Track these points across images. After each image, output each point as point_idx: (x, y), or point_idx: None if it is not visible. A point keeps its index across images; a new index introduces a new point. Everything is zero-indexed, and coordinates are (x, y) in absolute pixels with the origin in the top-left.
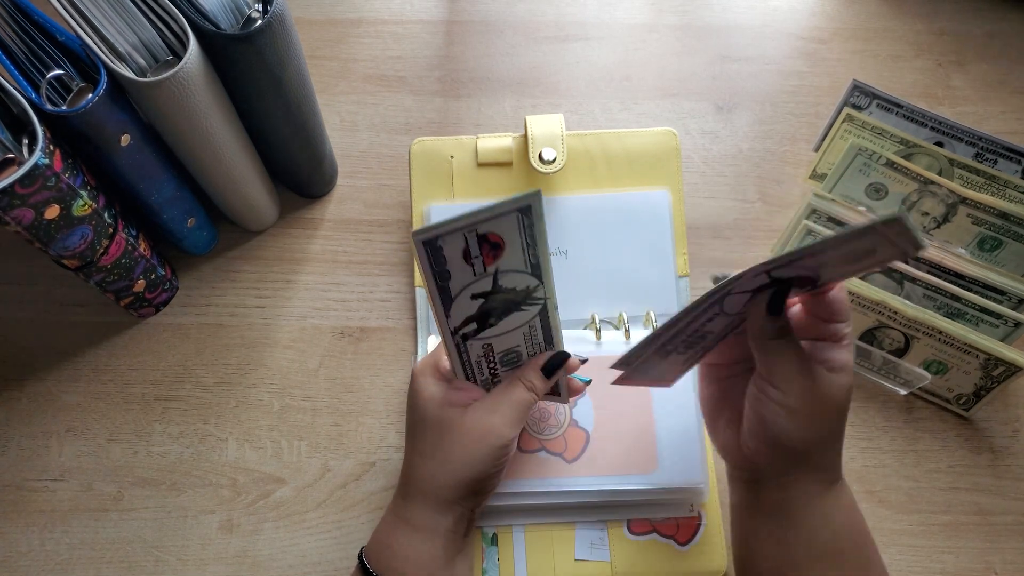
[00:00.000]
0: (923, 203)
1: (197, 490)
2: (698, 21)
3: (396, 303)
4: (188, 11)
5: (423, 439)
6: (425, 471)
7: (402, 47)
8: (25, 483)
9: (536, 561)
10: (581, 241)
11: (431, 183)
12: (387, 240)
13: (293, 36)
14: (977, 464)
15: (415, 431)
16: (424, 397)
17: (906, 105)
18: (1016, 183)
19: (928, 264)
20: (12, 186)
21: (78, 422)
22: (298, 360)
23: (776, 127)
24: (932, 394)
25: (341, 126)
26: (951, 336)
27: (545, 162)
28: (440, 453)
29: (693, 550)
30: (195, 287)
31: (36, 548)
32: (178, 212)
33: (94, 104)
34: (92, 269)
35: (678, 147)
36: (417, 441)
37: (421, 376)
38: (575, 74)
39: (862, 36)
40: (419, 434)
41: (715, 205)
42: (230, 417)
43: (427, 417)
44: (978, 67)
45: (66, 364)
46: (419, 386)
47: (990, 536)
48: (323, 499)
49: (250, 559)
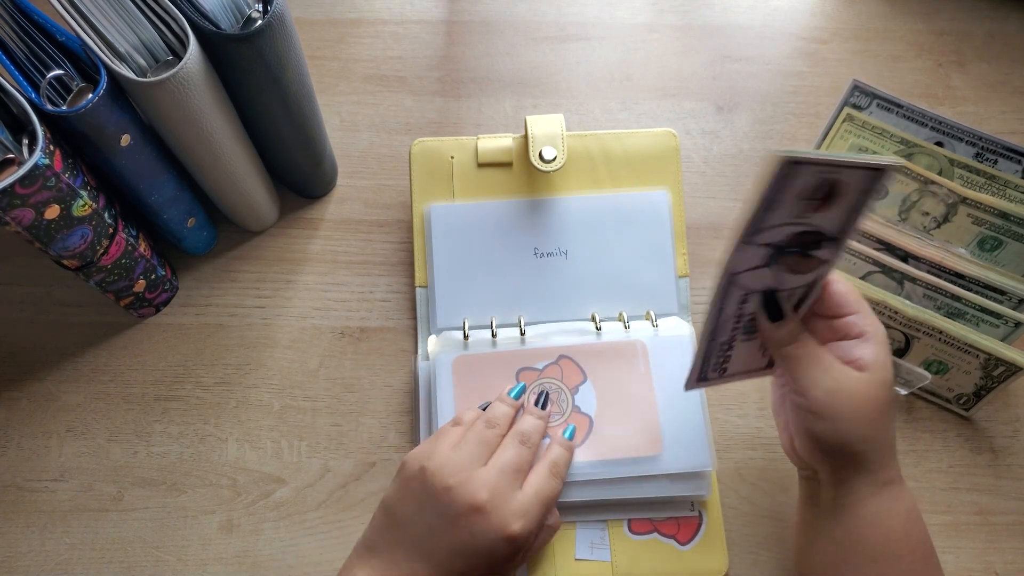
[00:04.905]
0: (923, 203)
1: (197, 490)
2: (699, 21)
3: (396, 303)
4: (188, 11)
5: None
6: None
7: (402, 47)
8: (25, 483)
9: (536, 561)
10: (581, 241)
11: (431, 183)
12: (387, 240)
13: (293, 36)
14: (977, 464)
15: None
16: (515, 562)
17: (906, 105)
18: (1016, 183)
19: (928, 264)
20: (12, 186)
21: (78, 422)
22: (298, 360)
23: (776, 127)
24: (932, 394)
25: (341, 126)
26: (951, 336)
27: (546, 161)
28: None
29: (694, 550)
30: (195, 287)
31: (36, 548)
32: (178, 212)
33: (94, 104)
34: (92, 269)
35: (678, 147)
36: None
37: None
38: (575, 74)
39: (862, 36)
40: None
41: (715, 205)
42: (230, 417)
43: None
44: (978, 67)
45: (66, 364)
46: (522, 552)
47: (990, 536)
48: (323, 499)
49: (250, 559)
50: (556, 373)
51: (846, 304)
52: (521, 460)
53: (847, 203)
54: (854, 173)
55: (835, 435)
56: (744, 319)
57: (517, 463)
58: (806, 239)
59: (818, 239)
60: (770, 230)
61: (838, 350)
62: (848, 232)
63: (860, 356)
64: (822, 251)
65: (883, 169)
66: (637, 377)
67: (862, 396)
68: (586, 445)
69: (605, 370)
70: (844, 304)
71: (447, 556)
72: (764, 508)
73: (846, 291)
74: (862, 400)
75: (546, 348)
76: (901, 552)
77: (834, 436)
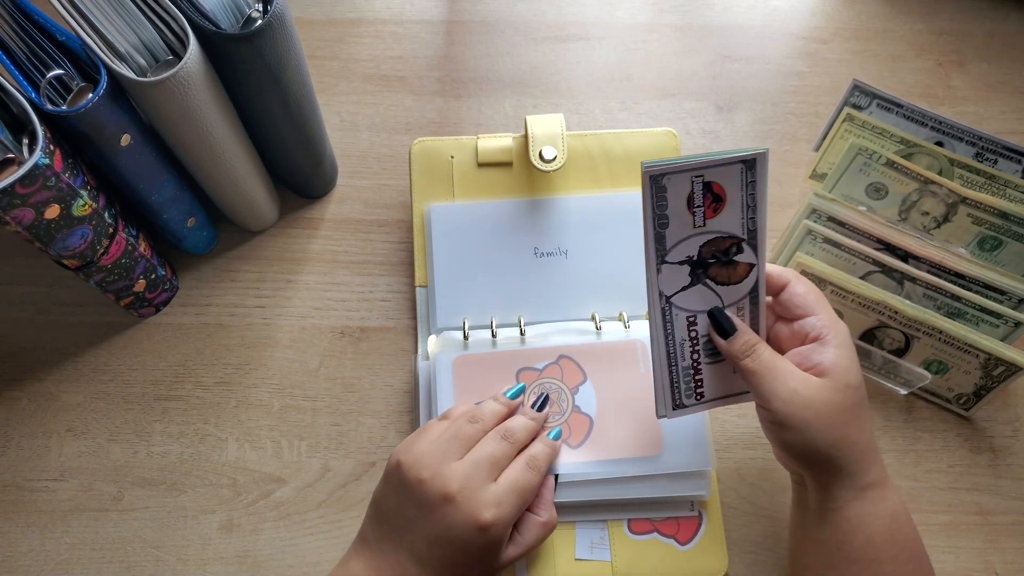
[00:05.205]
0: (923, 203)
1: (197, 490)
2: (698, 21)
3: (396, 303)
4: (188, 11)
5: (453, 551)
6: (420, 539)
7: (402, 47)
8: (25, 483)
9: (536, 561)
10: (581, 241)
11: (431, 183)
12: (387, 240)
13: (293, 36)
14: (977, 464)
15: (451, 551)
16: (494, 552)
17: (906, 105)
18: (1016, 183)
19: (928, 264)
20: (12, 186)
21: (78, 422)
22: (298, 360)
23: (776, 127)
24: (932, 394)
25: (341, 126)
26: (951, 336)
27: (546, 161)
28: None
29: (694, 550)
30: (195, 287)
31: (36, 548)
32: (178, 212)
33: (94, 104)
34: (92, 269)
35: (678, 147)
36: (447, 550)
37: (504, 546)
38: (575, 74)
39: (862, 36)
40: (450, 545)
41: None
42: (230, 417)
43: (473, 555)
44: (978, 67)
45: (66, 364)
46: (500, 542)
47: (990, 536)
48: (323, 499)
49: (250, 559)
50: (556, 373)
51: (804, 306)
52: (499, 454)
53: (737, 201)
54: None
55: (803, 444)
56: (701, 341)
57: (494, 457)
58: (721, 246)
59: (734, 243)
60: (677, 247)
61: (797, 356)
62: (757, 228)
63: (819, 361)
64: (744, 254)
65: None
66: (637, 377)
67: (823, 402)
68: (586, 445)
69: (605, 370)
70: (802, 306)
71: (426, 547)
72: (764, 508)
73: (804, 292)
74: (824, 406)
75: (546, 348)
76: (883, 556)
77: (803, 445)
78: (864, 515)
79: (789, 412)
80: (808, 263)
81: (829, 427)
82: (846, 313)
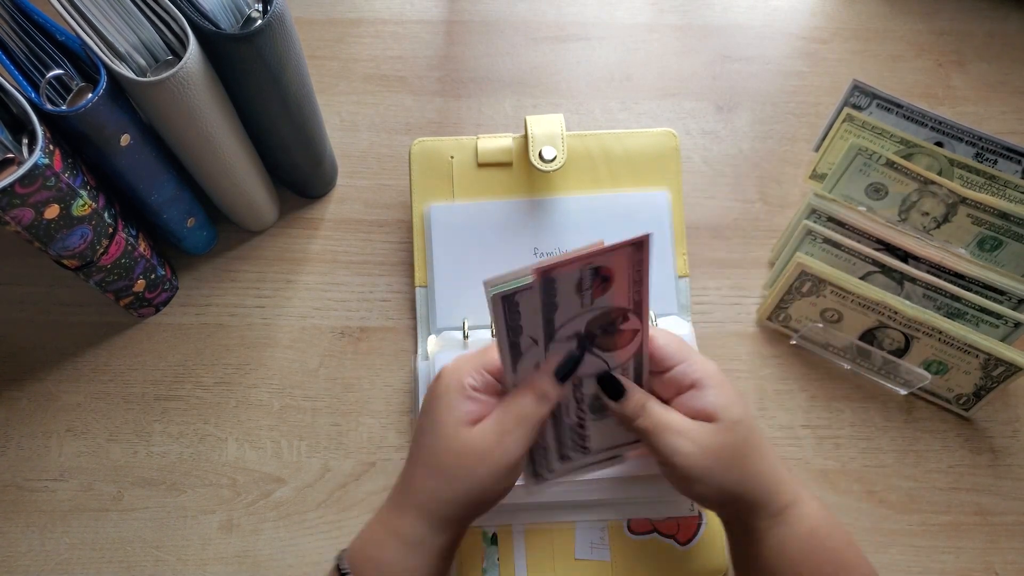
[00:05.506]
0: (923, 203)
1: (197, 490)
2: (698, 21)
3: (396, 303)
4: (188, 11)
5: (431, 453)
6: (427, 486)
7: (402, 47)
8: (25, 483)
9: (536, 561)
10: (581, 241)
11: (431, 183)
12: (387, 240)
13: (293, 36)
14: (977, 464)
15: (424, 442)
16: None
17: (906, 105)
18: (1016, 183)
19: (928, 264)
20: (12, 186)
21: (78, 422)
22: (298, 360)
23: (776, 127)
24: (932, 394)
25: (341, 126)
26: (951, 336)
27: (546, 161)
28: (446, 470)
29: (693, 550)
30: (195, 287)
31: (36, 548)
32: (178, 212)
33: (94, 104)
34: (92, 269)
35: (678, 148)
36: (424, 453)
37: (453, 393)
38: (575, 74)
39: (862, 36)
40: (427, 446)
41: (715, 205)
42: (230, 417)
43: (442, 435)
44: (978, 67)
45: (66, 364)
46: (447, 403)
47: (990, 536)
48: (323, 499)
49: (250, 559)
50: None
51: (669, 357)
52: None
53: (625, 279)
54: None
55: (712, 490)
56: (586, 400)
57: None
58: (607, 319)
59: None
60: (565, 326)
61: (682, 406)
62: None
63: (703, 407)
64: (629, 322)
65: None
66: None
67: (719, 446)
68: None
69: None
70: (667, 357)
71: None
72: None
73: (665, 343)
74: (721, 449)
75: None
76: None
77: (712, 491)
78: (784, 539)
79: (691, 464)
80: (808, 263)
81: (730, 467)
82: (846, 313)
